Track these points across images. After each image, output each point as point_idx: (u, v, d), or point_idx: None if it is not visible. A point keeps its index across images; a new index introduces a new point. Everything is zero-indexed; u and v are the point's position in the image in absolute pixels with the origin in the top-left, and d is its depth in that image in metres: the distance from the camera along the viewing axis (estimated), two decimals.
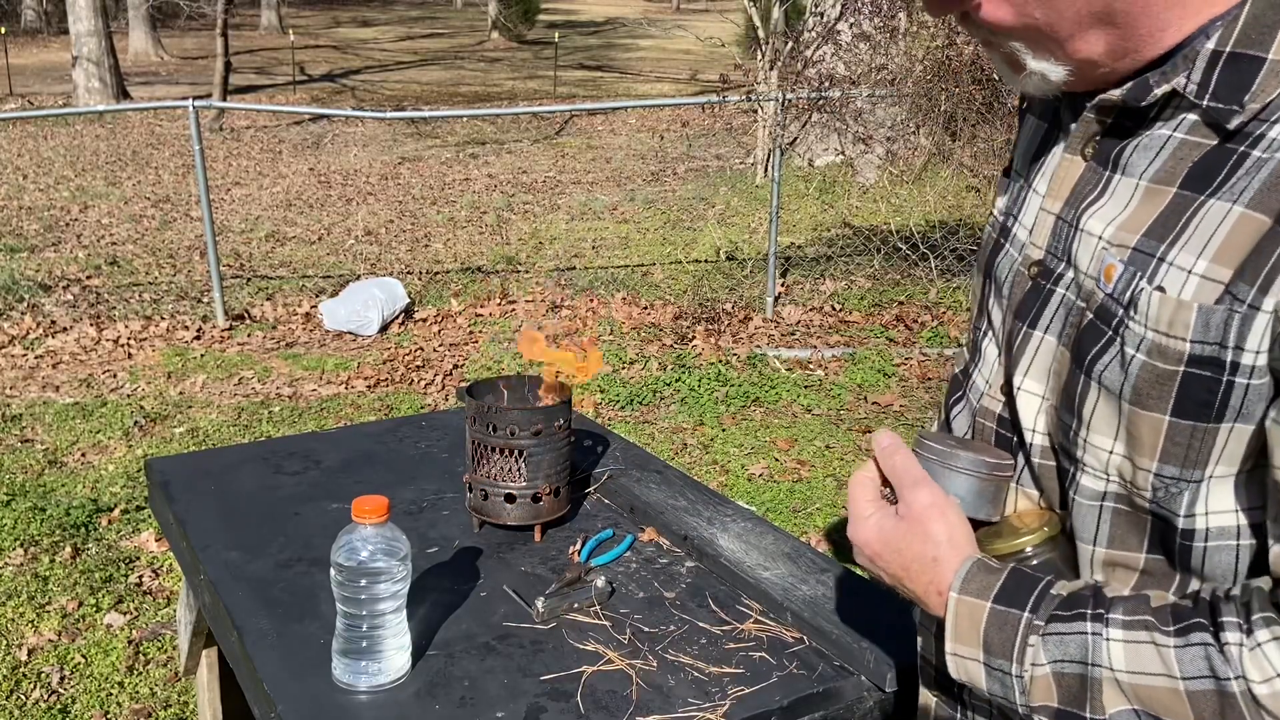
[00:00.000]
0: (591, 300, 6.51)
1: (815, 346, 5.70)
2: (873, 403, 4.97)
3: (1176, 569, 0.86)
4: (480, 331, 6.01)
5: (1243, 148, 0.77)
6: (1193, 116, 0.81)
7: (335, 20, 31.60)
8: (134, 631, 3.08)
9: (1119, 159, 0.85)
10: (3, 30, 17.58)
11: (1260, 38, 0.77)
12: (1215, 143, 0.79)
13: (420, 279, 7.06)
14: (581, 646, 1.42)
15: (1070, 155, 0.90)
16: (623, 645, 1.43)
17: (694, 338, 5.81)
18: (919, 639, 1.12)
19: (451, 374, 5.33)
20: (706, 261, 7.48)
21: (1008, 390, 0.96)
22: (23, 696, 2.78)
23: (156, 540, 3.55)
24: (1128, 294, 0.82)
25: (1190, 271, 0.78)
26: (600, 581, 1.54)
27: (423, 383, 5.20)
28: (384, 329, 5.98)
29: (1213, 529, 0.82)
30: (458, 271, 7.27)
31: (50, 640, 3.03)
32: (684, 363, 5.41)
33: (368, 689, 1.32)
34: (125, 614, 3.17)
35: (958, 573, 0.89)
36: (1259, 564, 0.82)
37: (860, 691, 1.36)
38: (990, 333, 1.00)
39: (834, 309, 6.33)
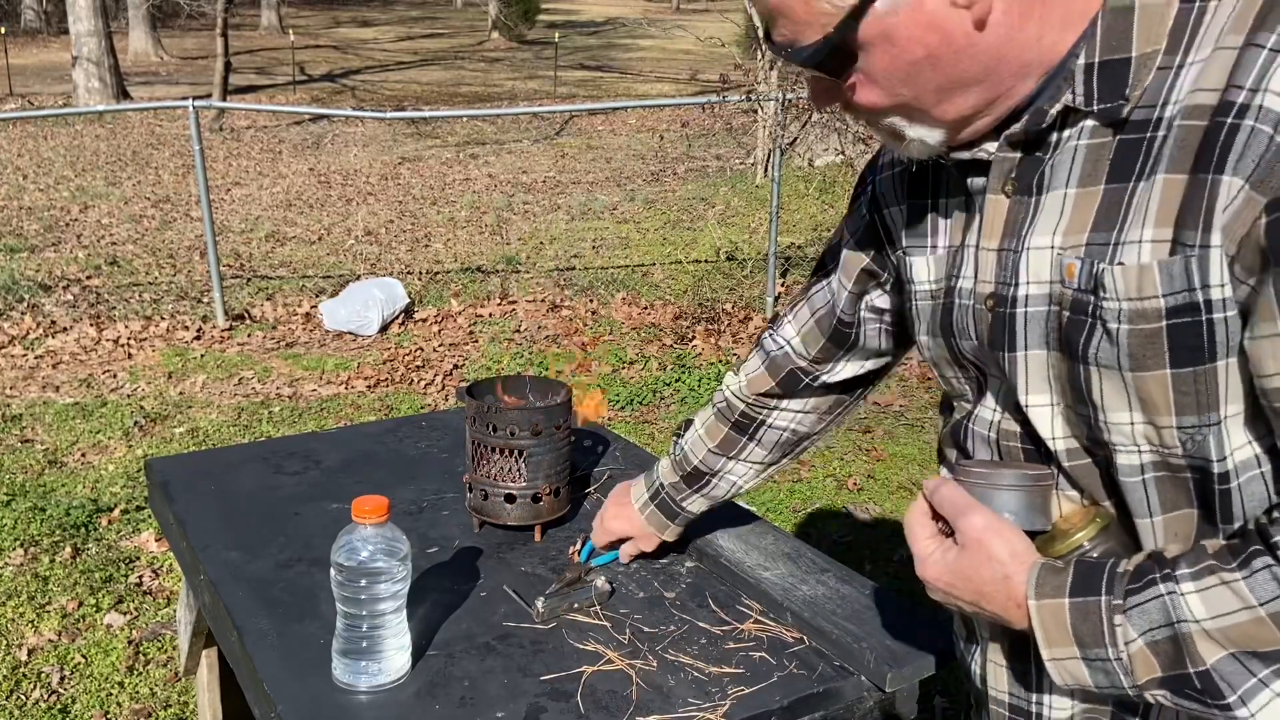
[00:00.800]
0: (591, 300, 6.51)
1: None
2: (873, 403, 4.97)
3: (1222, 517, 0.91)
4: (480, 331, 6.01)
5: (1141, 133, 0.86)
6: (1090, 123, 0.90)
7: (335, 20, 31.60)
8: (134, 631, 3.08)
9: (1040, 182, 0.93)
10: (3, 30, 17.58)
11: (1119, 43, 0.87)
12: (1117, 137, 0.88)
13: (420, 279, 7.06)
14: (581, 646, 1.42)
15: (994, 196, 0.97)
16: (623, 645, 1.43)
17: (694, 338, 5.81)
18: (973, 670, 1.17)
19: (451, 374, 5.33)
20: (706, 261, 7.48)
21: (1018, 411, 1.01)
22: (23, 696, 2.78)
23: (156, 540, 3.55)
24: (1092, 280, 0.89)
25: (1141, 242, 0.86)
26: (600, 581, 1.54)
27: (423, 383, 5.20)
28: (384, 329, 5.98)
29: (1240, 464, 0.88)
30: (458, 271, 7.27)
31: (50, 640, 3.03)
32: (684, 363, 5.41)
33: (368, 689, 1.32)
34: (125, 614, 3.17)
35: (1028, 581, 0.92)
36: None
37: (860, 691, 1.36)
38: (975, 375, 1.07)
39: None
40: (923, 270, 1.09)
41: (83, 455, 4.33)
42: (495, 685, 1.33)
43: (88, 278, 6.96)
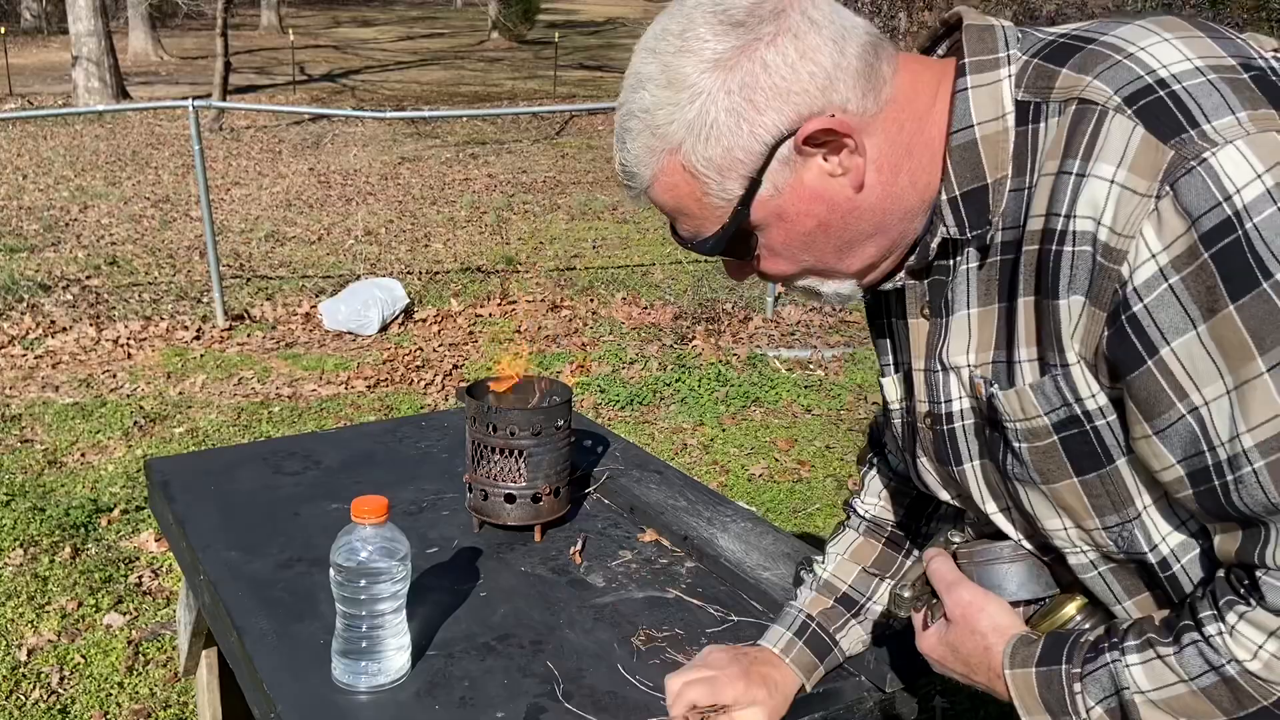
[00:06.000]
0: (591, 300, 6.51)
1: (815, 346, 5.70)
2: (873, 403, 4.97)
3: (1177, 599, 0.94)
4: (480, 331, 6.01)
5: (1012, 254, 0.92)
6: (971, 249, 0.96)
7: (335, 20, 31.60)
8: (134, 632, 3.08)
9: (947, 304, 0.99)
10: (3, 30, 17.57)
11: (974, 174, 0.92)
12: (997, 259, 0.93)
13: (420, 279, 7.06)
14: (582, 646, 1.42)
15: (914, 320, 1.04)
16: (623, 645, 1.43)
17: (694, 338, 5.81)
18: None
19: (451, 374, 5.33)
20: (707, 261, 7.48)
21: (983, 515, 1.06)
22: (23, 696, 2.78)
23: (156, 540, 3.55)
24: (988, 404, 0.96)
25: (1023, 361, 0.93)
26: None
27: (423, 383, 5.20)
28: (384, 329, 5.98)
29: (1175, 548, 0.92)
30: (458, 271, 7.27)
31: (50, 640, 3.03)
32: (684, 363, 5.41)
33: (368, 689, 1.32)
34: (125, 614, 3.16)
35: (1004, 652, 0.99)
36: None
37: (860, 692, 1.36)
38: (937, 488, 1.11)
39: (834, 309, 6.32)
40: (891, 390, 1.13)
41: (82, 455, 4.33)
42: (495, 685, 1.33)
43: (87, 278, 6.96)
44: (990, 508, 1.04)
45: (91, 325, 5.93)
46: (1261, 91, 0.82)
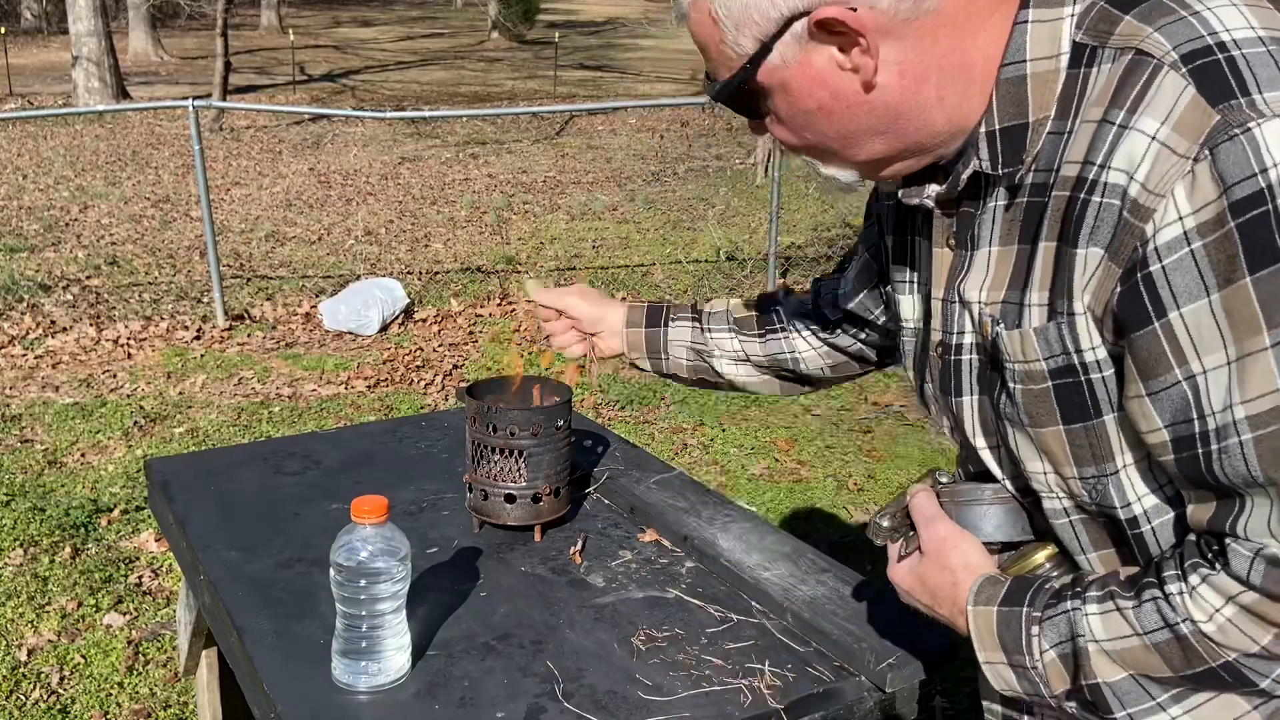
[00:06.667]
0: None
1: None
2: (873, 402, 4.97)
3: (1142, 559, 0.96)
4: (480, 331, 6.01)
5: (1040, 196, 0.91)
6: (1002, 186, 0.95)
7: (335, 20, 31.60)
8: (134, 632, 3.08)
9: (973, 238, 1.00)
10: (3, 30, 17.57)
11: (1016, 110, 0.92)
12: (1024, 199, 0.93)
13: (420, 279, 7.06)
14: (581, 646, 1.42)
15: (939, 249, 1.05)
16: (623, 645, 1.43)
17: None
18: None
19: (451, 374, 5.33)
20: (706, 261, 7.49)
21: (972, 449, 1.08)
22: (23, 696, 2.78)
23: (156, 540, 3.55)
24: (992, 342, 0.97)
25: (1033, 305, 0.93)
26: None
27: (423, 383, 5.20)
28: (384, 329, 5.98)
29: (1149, 509, 0.94)
30: (458, 271, 7.27)
31: (50, 640, 3.03)
32: None
33: (368, 689, 1.32)
34: (125, 614, 3.16)
35: (971, 589, 1.01)
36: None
37: (860, 692, 1.36)
38: (937, 414, 1.14)
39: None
40: (909, 309, 1.15)
41: (82, 455, 4.33)
42: (495, 685, 1.33)
43: (88, 278, 6.96)
44: (980, 443, 1.06)
45: (91, 325, 5.93)
46: None
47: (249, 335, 5.91)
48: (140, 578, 3.37)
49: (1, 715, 2.70)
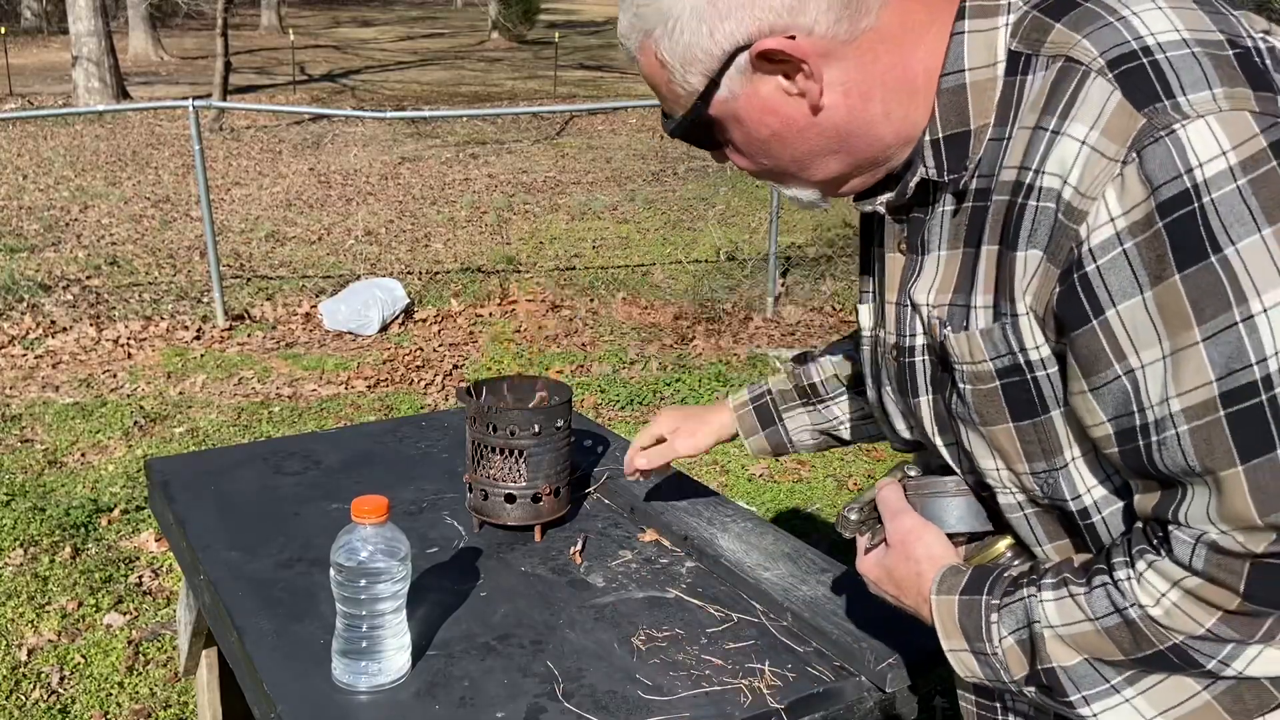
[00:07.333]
0: (592, 300, 6.51)
1: (815, 346, 5.70)
2: None
3: (1095, 549, 0.99)
4: (480, 331, 6.01)
5: (983, 201, 0.94)
6: (948, 192, 0.97)
7: (335, 20, 31.61)
8: (134, 631, 3.08)
9: (923, 243, 1.02)
10: (3, 30, 17.57)
11: (958, 118, 0.94)
12: (968, 205, 0.96)
13: (420, 279, 7.06)
14: (582, 646, 1.42)
15: (891, 254, 1.08)
16: (623, 645, 1.43)
17: (694, 338, 5.81)
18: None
19: (451, 374, 5.33)
20: (707, 261, 7.49)
21: (934, 447, 1.10)
22: (23, 696, 2.78)
23: (156, 540, 3.55)
24: (940, 345, 1.00)
25: (979, 307, 0.95)
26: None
27: (423, 383, 5.20)
28: (384, 329, 5.98)
29: (1098, 501, 0.96)
30: (458, 271, 7.27)
31: (50, 640, 3.03)
32: (684, 363, 5.41)
33: (368, 689, 1.32)
34: (125, 614, 3.16)
35: (934, 579, 1.04)
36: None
37: (860, 692, 1.36)
38: (895, 418, 1.16)
39: (834, 309, 6.33)
40: (865, 316, 1.17)
41: (82, 455, 4.33)
42: (495, 685, 1.33)
43: (88, 278, 6.95)
44: (938, 441, 1.08)
45: (91, 325, 5.93)
46: (1242, 70, 0.83)
47: (249, 335, 5.91)
48: (140, 578, 3.37)
49: (1, 715, 2.70)
